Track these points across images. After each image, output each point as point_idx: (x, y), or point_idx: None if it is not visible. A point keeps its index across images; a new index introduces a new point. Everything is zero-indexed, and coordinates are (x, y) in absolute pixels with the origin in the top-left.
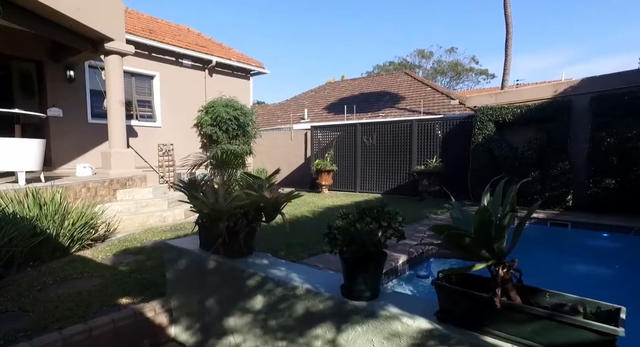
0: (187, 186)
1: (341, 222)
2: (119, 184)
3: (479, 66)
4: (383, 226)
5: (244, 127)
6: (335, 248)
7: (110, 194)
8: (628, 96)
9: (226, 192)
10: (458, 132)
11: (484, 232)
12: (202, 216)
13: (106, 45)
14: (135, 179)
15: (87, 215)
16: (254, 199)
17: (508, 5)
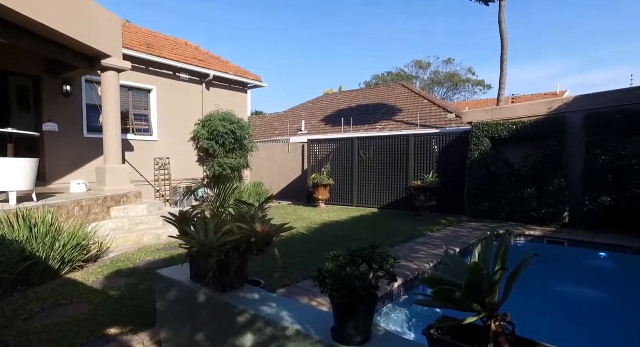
0: (177, 219)
1: (331, 265)
2: (113, 201)
3: (476, 77)
4: (374, 268)
5: (240, 141)
6: (324, 291)
7: (104, 212)
8: (620, 114)
9: (217, 224)
10: (454, 147)
11: (476, 287)
12: (191, 250)
13: (103, 61)
14: (129, 195)
15: (79, 236)
16: (245, 233)
17: (502, 22)
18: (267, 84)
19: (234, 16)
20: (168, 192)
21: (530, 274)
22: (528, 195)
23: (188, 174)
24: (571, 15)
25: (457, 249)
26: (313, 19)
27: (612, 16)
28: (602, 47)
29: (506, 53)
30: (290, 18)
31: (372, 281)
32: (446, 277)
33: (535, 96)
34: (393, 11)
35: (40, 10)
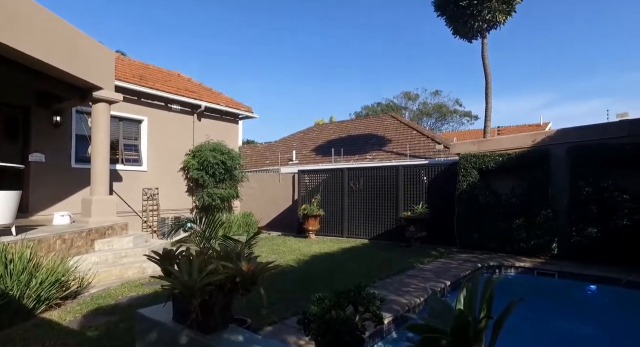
0: (161, 258)
1: (316, 308)
2: (98, 234)
3: (463, 108)
4: (360, 311)
5: (231, 171)
6: (310, 337)
7: (88, 245)
8: (600, 148)
9: (203, 262)
10: (443, 178)
11: (461, 336)
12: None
13: (95, 93)
14: (115, 227)
15: (58, 272)
16: (231, 272)
17: (486, 58)
18: (259, 115)
19: (227, 49)
20: (156, 223)
21: (521, 311)
22: (517, 226)
23: (177, 205)
24: (552, 52)
25: (448, 282)
26: (305, 51)
27: (590, 52)
28: (582, 81)
29: (490, 87)
30: (282, 50)
31: (358, 324)
32: (432, 324)
33: (520, 128)
34: (383, 45)
35: (33, 44)
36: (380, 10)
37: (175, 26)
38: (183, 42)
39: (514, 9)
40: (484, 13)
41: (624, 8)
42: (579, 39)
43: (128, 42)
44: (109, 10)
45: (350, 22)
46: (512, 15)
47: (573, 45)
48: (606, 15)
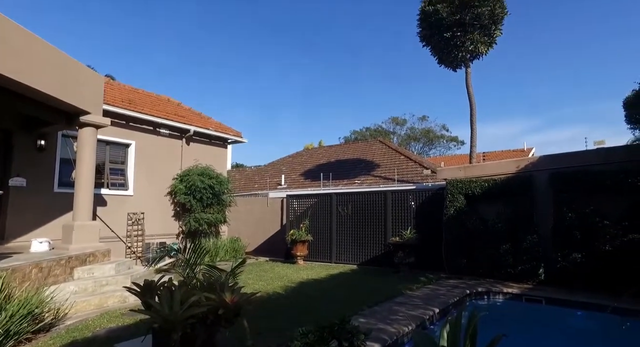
0: (142, 290)
1: (299, 343)
2: (78, 261)
3: (449, 133)
4: (344, 346)
5: (219, 196)
6: None
7: (67, 273)
8: (581, 174)
9: (185, 294)
10: (431, 203)
11: None
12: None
13: (82, 118)
14: (97, 254)
15: (31, 303)
16: (214, 304)
17: (470, 86)
18: (248, 139)
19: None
20: (140, 249)
21: (510, 339)
22: (504, 251)
23: (163, 230)
24: (534, 78)
25: (436, 310)
26: (294, 77)
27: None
28: (563, 108)
29: (475, 114)
30: (272, 75)
31: None
32: None
33: (504, 153)
34: (371, 71)
35: (16, 68)
36: (369, 37)
37: (167, 52)
38: (175, 67)
39: (494, 41)
40: (467, 44)
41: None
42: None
43: (119, 67)
44: (99, 35)
45: (340, 48)
46: (493, 47)
47: (554, 73)
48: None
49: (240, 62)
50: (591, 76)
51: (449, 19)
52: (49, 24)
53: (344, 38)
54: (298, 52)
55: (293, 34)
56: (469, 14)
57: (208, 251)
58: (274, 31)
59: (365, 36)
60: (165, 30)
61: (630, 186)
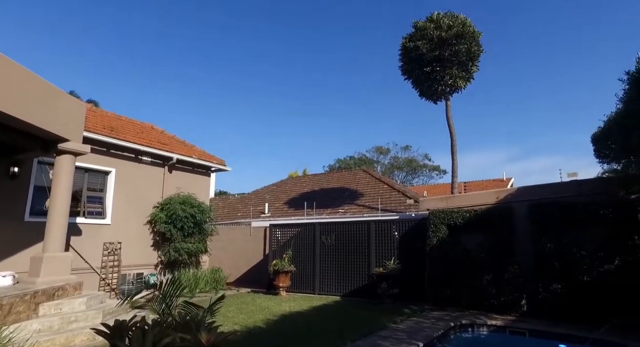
0: (111, 332)
1: None
2: (45, 296)
3: (432, 163)
4: None
5: (200, 225)
6: None
7: (31, 310)
8: (557, 206)
9: (159, 334)
10: (414, 233)
11: None
12: None
13: (60, 145)
14: (67, 287)
15: None
16: (188, 345)
17: (450, 118)
18: (233, 166)
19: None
20: (116, 281)
21: None
22: (486, 282)
23: (141, 260)
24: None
25: (421, 344)
26: (280, 104)
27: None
28: (540, 138)
29: (455, 146)
30: (257, 102)
31: None
32: None
33: (485, 182)
34: (355, 100)
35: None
36: (353, 66)
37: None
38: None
39: (472, 76)
40: (446, 79)
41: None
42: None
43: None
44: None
45: (324, 78)
46: (471, 82)
47: (529, 105)
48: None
49: (225, 91)
50: (565, 110)
51: (428, 55)
52: (37, 50)
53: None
54: (284, 82)
55: (280, 64)
56: (448, 51)
57: (185, 286)
58: (260, 61)
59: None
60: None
61: (602, 217)
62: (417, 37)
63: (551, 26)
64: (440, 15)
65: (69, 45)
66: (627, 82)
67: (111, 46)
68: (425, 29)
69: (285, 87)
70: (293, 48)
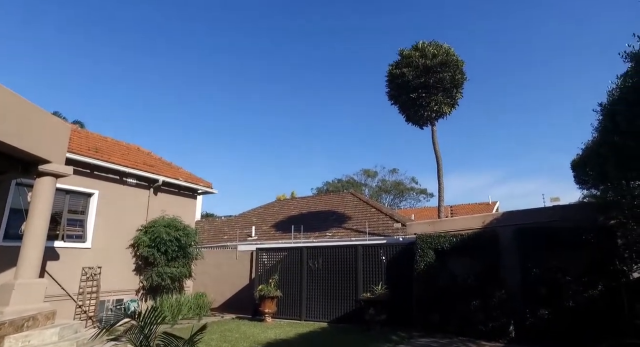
0: None
1: None
2: (13, 327)
3: (419, 186)
4: None
5: (185, 248)
6: None
7: None
8: (541, 231)
9: None
10: (402, 258)
11: None
12: None
13: (41, 167)
14: (39, 317)
15: None
16: None
17: (436, 144)
18: (220, 189)
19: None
20: (94, 308)
21: None
22: (474, 308)
23: (121, 285)
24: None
25: None
26: (270, 127)
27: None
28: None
29: (442, 170)
30: (246, 124)
31: None
32: None
33: (471, 206)
34: (344, 123)
35: None
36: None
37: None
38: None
39: (456, 102)
40: (432, 105)
41: None
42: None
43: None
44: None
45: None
46: (455, 108)
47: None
48: None
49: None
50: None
51: (414, 82)
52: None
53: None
54: (273, 104)
55: (268, 86)
56: (432, 78)
57: (166, 316)
58: (248, 83)
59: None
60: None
61: (585, 242)
62: (403, 64)
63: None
64: (425, 44)
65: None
66: (600, 113)
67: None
68: (410, 57)
69: (274, 110)
70: (281, 70)
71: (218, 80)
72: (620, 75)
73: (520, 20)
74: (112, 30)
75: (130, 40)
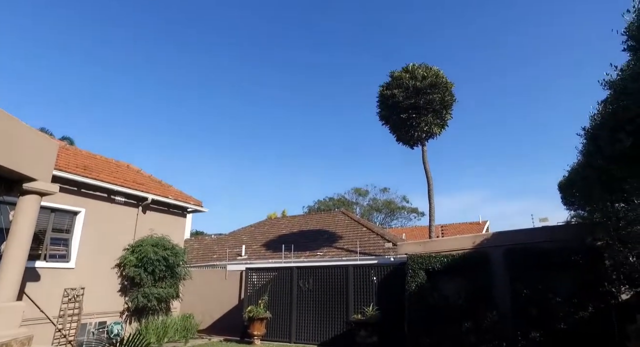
0: None
1: None
2: None
3: (410, 205)
4: None
5: (172, 268)
6: None
7: None
8: (531, 251)
9: None
10: (393, 278)
11: None
12: None
13: (25, 185)
14: (13, 344)
15: None
16: None
17: (426, 163)
18: (211, 207)
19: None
20: (75, 331)
21: None
22: (466, 330)
23: (105, 307)
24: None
25: None
26: (260, 145)
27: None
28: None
29: (432, 190)
30: (240, 144)
31: None
32: None
33: (462, 225)
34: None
35: None
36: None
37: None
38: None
39: (446, 123)
40: (422, 125)
41: None
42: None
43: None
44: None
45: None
46: (445, 129)
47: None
48: None
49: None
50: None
51: (404, 103)
52: None
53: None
54: (265, 122)
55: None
56: (422, 99)
57: (149, 342)
58: (240, 103)
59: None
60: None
61: (574, 263)
62: (394, 85)
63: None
64: (415, 66)
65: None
66: (584, 137)
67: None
68: (401, 78)
69: (266, 128)
70: (273, 90)
71: (210, 100)
72: (601, 101)
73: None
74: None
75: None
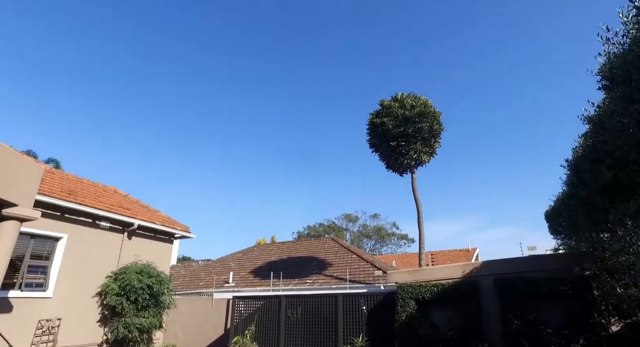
0: None
1: None
2: None
3: (400, 231)
4: None
5: (157, 297)
6: None
7: None
8: (520, 281)
9: None
10: (383, 308)
11: None
12: None
13: (5, 210)
14: None
15: None
16: None
17: (416, 190)
18: (199, 233)
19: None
20: None
21: None
22: None
23: (83, 339)
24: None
25: None
26: (253, 170)
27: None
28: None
29: (422, 217)
30: (230, 168)
31: None
32: None
33: (452, 252)
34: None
35: None
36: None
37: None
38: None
39: (435, 151)
40: (411, 153)
41: None
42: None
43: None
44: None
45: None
46: (434, 156)
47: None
48: None
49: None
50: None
51: (394, 131)
52: None
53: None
54: (255, 149)
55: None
56: (411, 128)
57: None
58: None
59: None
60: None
61: (563, 293)
62: (383, 114)
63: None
64: (404, 96)
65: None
66: (567, 168)
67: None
68: (390, 107)
69: (256, 155)
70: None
71: (201, 124)
72: (582, 135)
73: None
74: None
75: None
